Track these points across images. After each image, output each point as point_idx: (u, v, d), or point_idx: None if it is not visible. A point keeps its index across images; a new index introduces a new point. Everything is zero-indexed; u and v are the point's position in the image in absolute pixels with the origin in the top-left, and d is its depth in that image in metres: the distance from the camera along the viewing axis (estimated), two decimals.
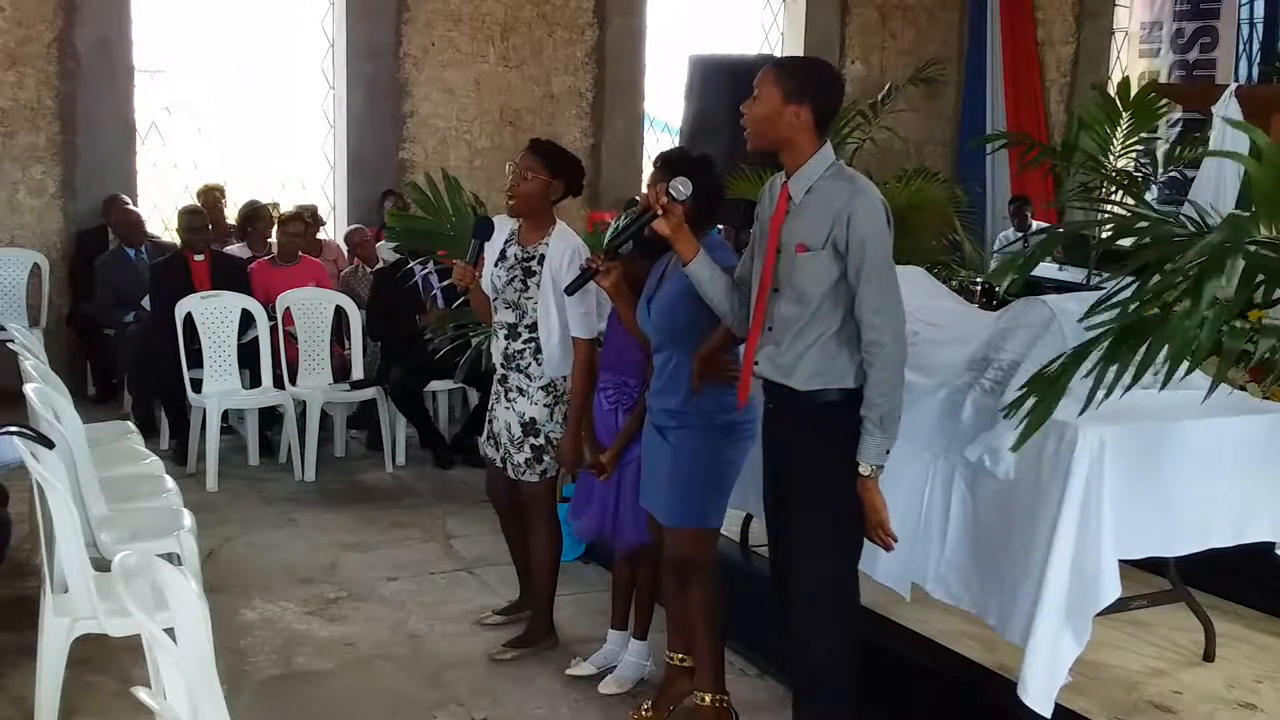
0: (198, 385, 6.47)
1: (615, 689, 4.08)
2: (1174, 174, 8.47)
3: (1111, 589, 3.18)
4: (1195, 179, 6.74)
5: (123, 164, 8.39)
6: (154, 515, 4.25)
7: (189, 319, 6.46)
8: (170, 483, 4.57)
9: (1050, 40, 12.00)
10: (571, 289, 3.76)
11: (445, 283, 6.29)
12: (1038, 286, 6.28)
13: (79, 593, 3.41)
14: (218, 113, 9.18)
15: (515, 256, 4.17)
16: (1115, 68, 12.43)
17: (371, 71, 9.06)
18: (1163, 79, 11.33)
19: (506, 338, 4.20)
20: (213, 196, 8.37)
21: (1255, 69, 11.89)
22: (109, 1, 8.18)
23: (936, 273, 6.16)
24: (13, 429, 3.55)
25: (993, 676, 3.60)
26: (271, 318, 6.69)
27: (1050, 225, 9.30)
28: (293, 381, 6.68)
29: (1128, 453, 3.23)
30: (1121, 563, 3.23)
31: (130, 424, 5.56)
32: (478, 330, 5.80)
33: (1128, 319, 2.84)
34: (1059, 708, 3.29)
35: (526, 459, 4.20)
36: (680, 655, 3.86)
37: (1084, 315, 3.01)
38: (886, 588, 3.70)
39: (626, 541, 4.05)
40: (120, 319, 7.42)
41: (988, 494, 3.39)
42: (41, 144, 8.15)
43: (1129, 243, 3.54)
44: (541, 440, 4.17)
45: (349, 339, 6.92)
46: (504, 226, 4.26)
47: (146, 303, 7.07)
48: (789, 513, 3.20)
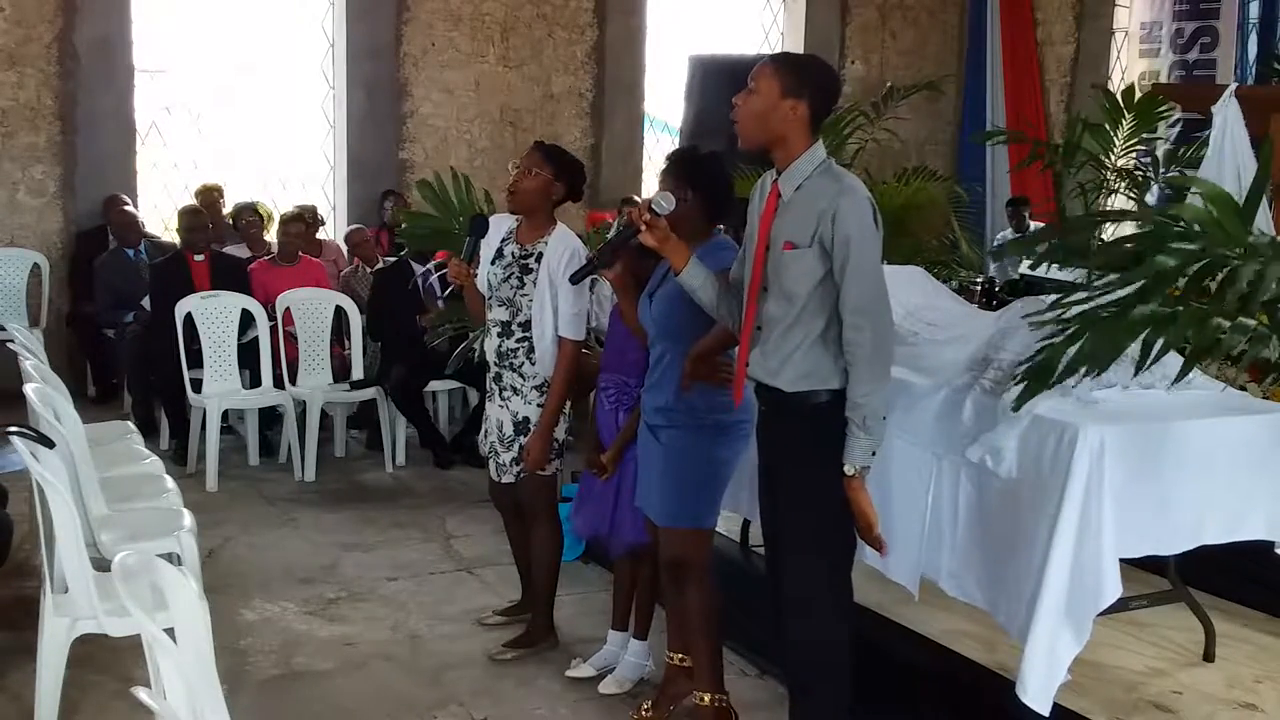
0: (198, 385, 6.47)
1: (615, 689, 4.08)
2: (1174, 174, 8.45)
3: (1113, 589, 3.18)
4: (1193, 173, 6.73)
5: (123, 164, 8.39)
6: (154, 515, 4.25)
7: (189, 319, 6.46)
8: (170, 483, 4.57)
9: (1050, 40, 12.00)
10: (576, 277, 3.76)
11: (449, 290, 6.30)
12: (1038, 286, 6.27)
13: (79, 593, 3.41)
14: (218, 113, 9.17)
15: (513, 255, 4.17)
16: (1115, 68, 12.42)
17: (371, 71, 9.06)
18: (1162, 79, 11.32)
19: (500, 336, 4.20)
20: (211, 197, 8.37)
21: (1255, 69, 11.88)
22: (109, 1, 8.18)
23: (936, 273, 6.16)
24: (13, 429, 3.56)
25: (993, 676, 3.59)
26: (271, 318, 6.69)
27: (1048, 225, 9.29)
28: (293, 381, 6.68)
29: (1128, 452, 3.23)
30: (1121, 563, 3.23)
31: (130, 424, 5.56)
32: (475, 326, 5.81)
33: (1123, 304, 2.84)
34: (1059, 708, 3.29)
35: (513, 458, 4.20)
36: (680, 655, 3.86)
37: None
38: (887, 588, 3.70)
39: (624, 541, 4.05)
40: (120, 319, 7.42)
41: (993, 492, 3.39)
42: (41, 144, 8.15)
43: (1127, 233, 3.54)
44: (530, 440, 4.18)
45: (349, 339, 6.92)
46: (502, 225, 4.26)
47: (146, 303, 7.07)
48: (781, 514, 3.20)
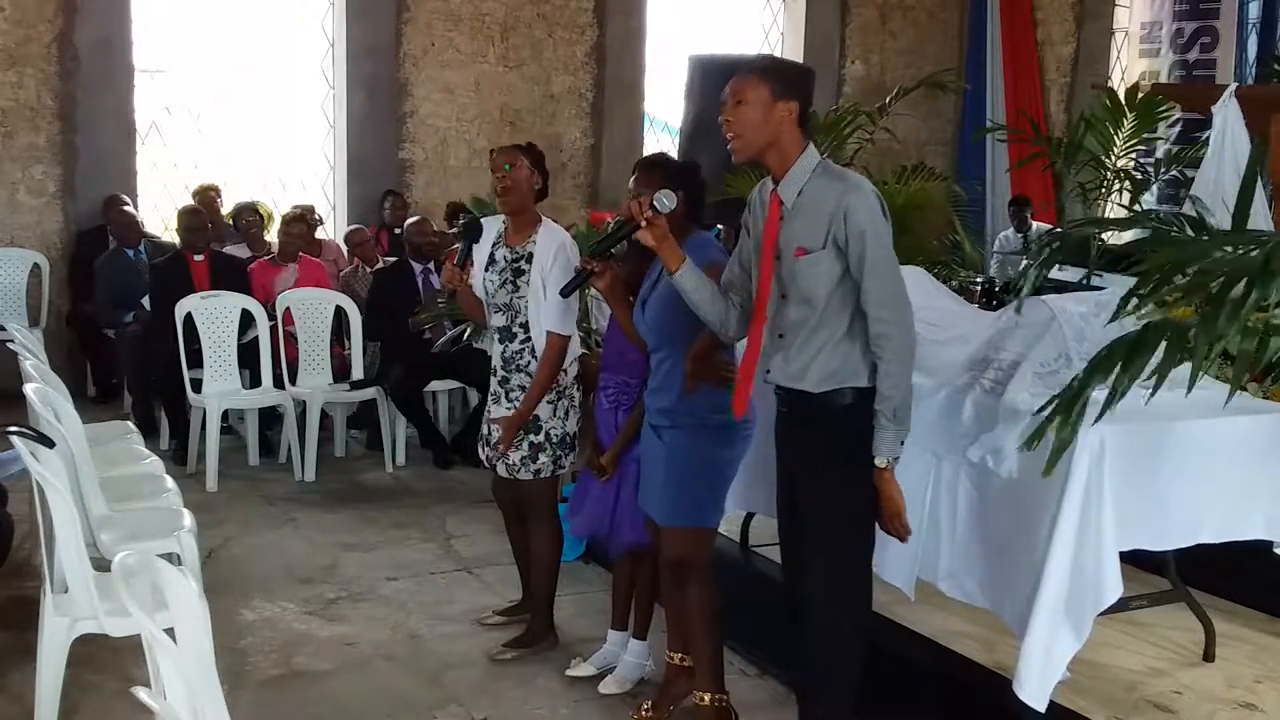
0: (198, 385, 6.47)
1: (615, 689, 4.08)
2: (1174, 174, 8.47)
3: (1113, 588, 3.18)
4: (1195, 179, 6.73)
5: (123, 164, 8.39)
6: (154, 515, 4.25)
7: (189, 319, 6.46)
8: (170, 483, 4.57)
9: (1050, 40, 12.00)
10: (566, 291, 3.76)
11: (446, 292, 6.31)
12: (1037, 286, 6.26)
13: (79, 593, 3.41)
14: (218, 113, 9.18)
15: (504, 259, 4.17)
16: (1115, 68, 12.42)
17: (371, 71, 9.06)
18: (1162, 79, 11.31)
19: (502, 341, 4.20)
20: (208, 196, 8.36)
21: (1255, 69, 11.88)
22: (109, 1, 8.18)
23: (936, 273, 6.16)
24: (13, 429, 3.56)
25: (993, 676, 3.59)
26: (271, 318, 6.69)
27: (1050, 226, 9.30)
28: (293, 381, 6.68)
29: (1128, 452, 3.23)
30: (1122, 563, 3.23)
31: (130, 424, 5.56)
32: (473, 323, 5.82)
33: (1143, 327, 2.83)
34: (1059, 707, 3.29)
35: (522, 456, 4.20)
36: (680, 655, 3.86)
37: (1112, 318, 3.00)
38: (888, 587, 3.70)
39: (624, 541, 4.05)
40: (120, 319, 7.42)
41: (994, 492, 3.39)
42: (41, 144, 8.15)
43: (1127, 239, 3.53)
44: (541, 438, 4.17)
45: (349, 339, 6.92)
46: (491, 229, 4.27)
47: (146, 302, 7.07)
48: (803, 513, 3.20)
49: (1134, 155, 8.10)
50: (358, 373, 6.87)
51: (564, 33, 9.70)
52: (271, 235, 8.04)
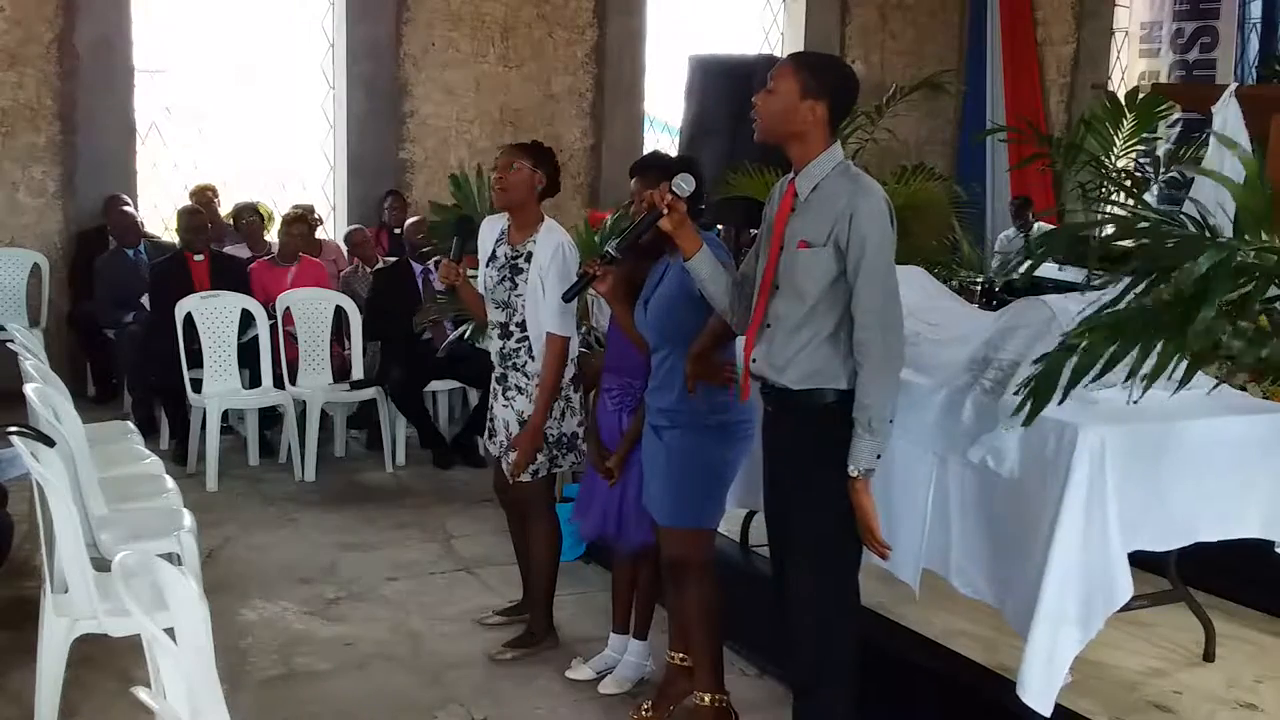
0: (198, 385, 6.47)
1: (615, 689, 4.08)
2: (1174, 174, 8.46)
3: (1125, 589, 3.18)
4: (1195, 179, 6.73)
5: (123, 164, 8.38)
6: (154, 515, 4.25)
7: (189, 319, 6.46)
8: (170, 483, 4.57)
9: (1050, 40, 12.00)
10: (569, 295, 3.76)
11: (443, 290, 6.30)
12: (1038, 286, 6.27)
13: (79, 593, 3.41)
14: (218, 113, 9.18)
15: (505, 256, 4.18)
16: (1115, 68, 12.43)
17: (371, 71, 9.06)
18: (1162, 79, 11.32)
19: (500, 337, 4.21)
20: (205, 196, 8.35)
21: (1255, 69, 11.88)
22: (109, 1, 8.17)
23: (936, 273, 6.15)
24: (13, 429, 3.56)
25: (993, 676, 3.59)
26: (271, 317, 6.69)
27: (1052, 226, 9.29)
28: (293, 381, 6.68)
29: (1128, 452, 3.23)
30: None
31: (130, 424, 5.56)
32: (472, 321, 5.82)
33: (1122, 315, 2.83)
34: (1060, 708, 3.29)
35: None
36: (680, 655, 3.86)
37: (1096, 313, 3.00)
38: (888, 588, 3.69)
39: (632, 542, 4.03)
40: (120, 319, 7.42)
41: (996, 491, 3.38)
42: (41, 144, 8.14)
43: (1129, 243, 3.53)
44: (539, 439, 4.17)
45: (349, 339, 6.92)
46: (495, 226, 4.27)
47: (145, 301, 7.07)
48: (788, 514, 3.20)
49: (1134, 155, 8.09)
50: (358, 373, 6.87)
51: (564, 33, 9.70)
52: (271, 235, 8.04)
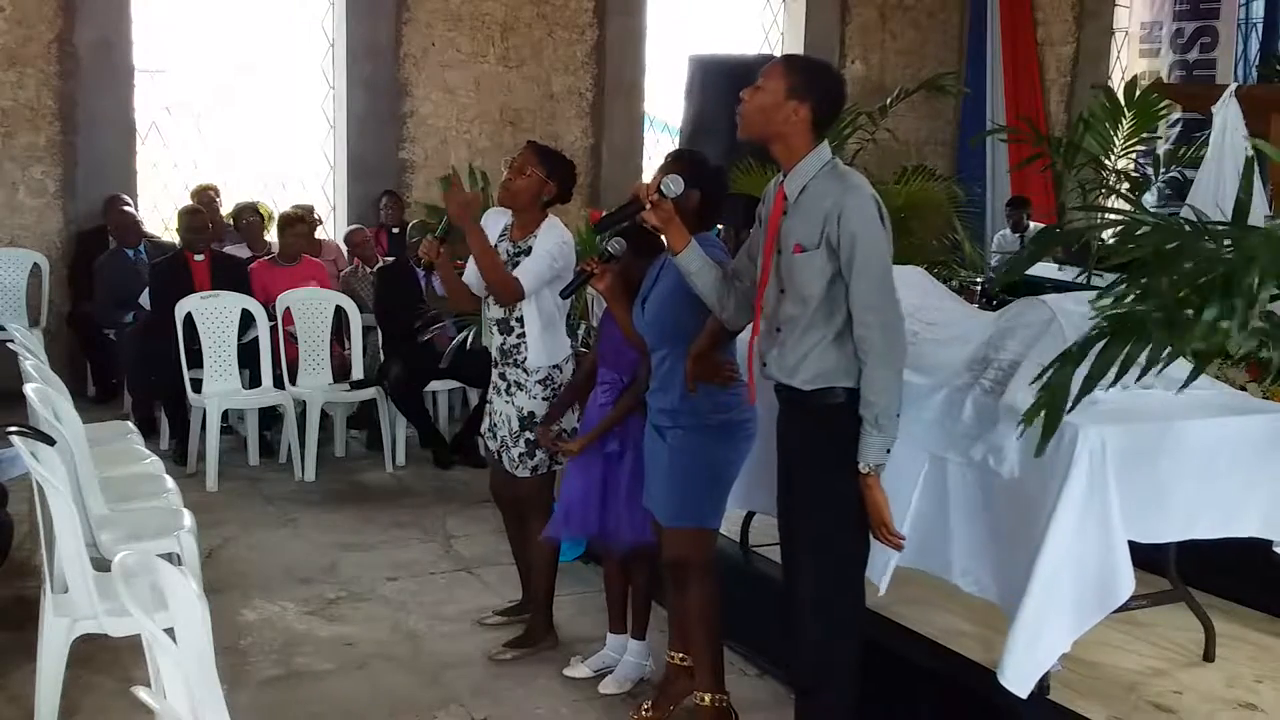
0: (198, 385, 6.47)
1: (615, 689, 4.08)
2: (1174, 174, 8.47)
3: (1126, 586, 3.18)
4: (1195, 179, 6.74)
5: (123, 164, 8.38)
6: (154, 515, 4.25)
7: (189, 319, 6.46)
8: (170, 483, 4.57)
9: (1050, 40, 12.00)
10: (567, 291, 3.80)
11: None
12: (1038, 286, 6.27)
13: (79, 593, 3.41)
14: (218, 113, 9.18)
15: (506, 252, 4.19)
16: (1115, 68, 12.42)
17: (371, 71, 9.06)
18: (1163, 79, 11.32)
19: (500, 333, 4.22)
20: (206, 196, 8.35)
21: (1255, 69, 11.88)
22: (109, 1, 8.18)
23: (936, 273, 6.16)
24: (13, 428, 3.56)
25: (993, 676, 3.58)
26: (271, 318, 6.69)
27: (1048, 226, 9.29)
28: (293, 381, 6.68)
29: (1128, 452, 3.23)
30: None
31: (130, 424, 5.57)
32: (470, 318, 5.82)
33: (1123, 317, 2.82)
34: (1060, 708, 3.29)
35: (521, 453, 4.21)
36: (680, 655, 3.86)
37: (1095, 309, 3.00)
38: (892, 587, 3.68)
39: (624, 543, 4.03)
40: (120, 319, 7.42)
41: (997, 490, 3.38)
42: (41, 144, 8.15)
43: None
44: (535, 435, 4.18)
45: (349, 339, 6.92)
46: (500, 220, 4.27)
47: (144, 300, 7.06)
48: (797, 513, 3.21)
49: (1134, 155, 8.10)
50: (358, 373, 6.87)
51: (564, 33, 9.70)
52: (271, 235, 8.04)
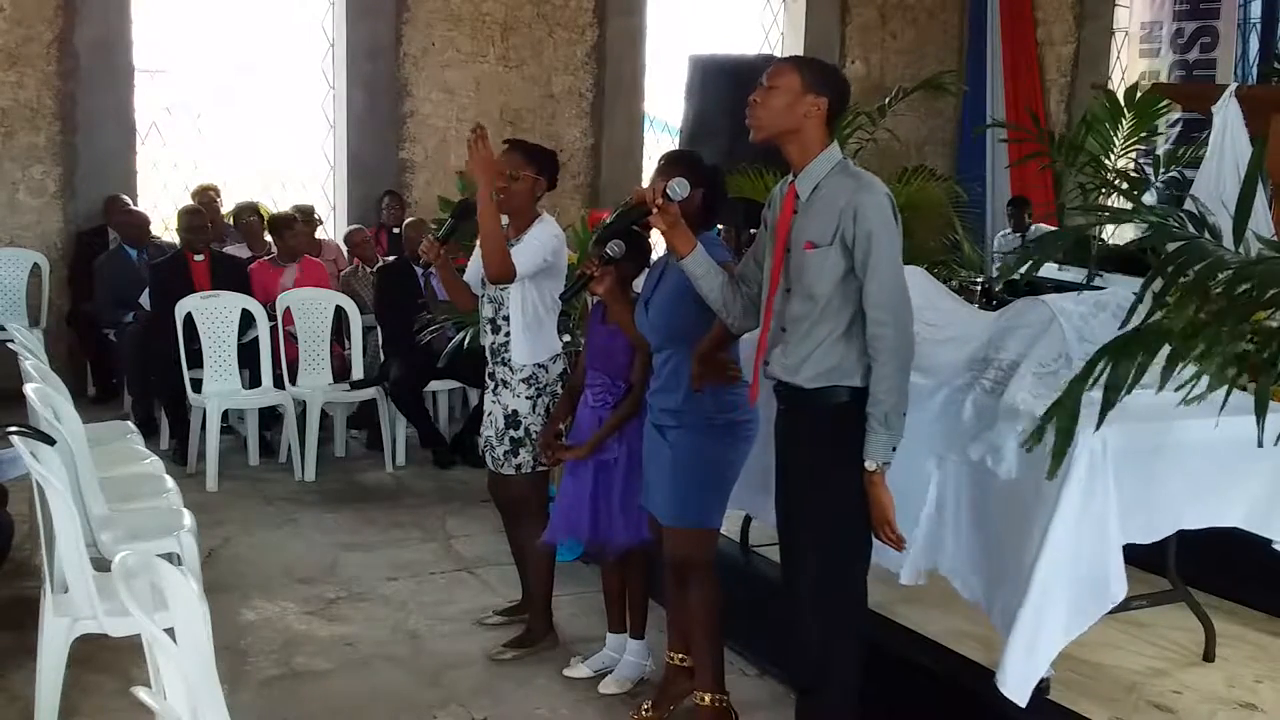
0: (198, 385, 6.47)
1: (615, 689, 4.08)
2: (1174, 174, 8.47)
3: (1118, 590, 3.18)
4: (1195, 179, 6.73)
5: (123, 164, 8.38)
6: (154, 515, 4.25)
7: (189, 319, 6.46)
8: (170, 483, 4.57)
9: (1050, 40, 11.99)
10: (566, 295, 3.83)
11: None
12: (1038, 286, 6.27)
13: (79, 593, 3.41)
14: (218, 113, 9.18)
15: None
16: (1115, 68, 12.42)
17: (371, 71, 9.06)
18: (1162, 79, 11.31)
19: (490, 332, 4.26)
20: (207, 196, 8.35)
21: (1255, 69, 11.87)
22: (109, 1, 8.17)
23: (936, 273, 6.16)
24: (13, 429, 3.56)
25: (993, 677, 3.58)
26: (271, 318, 6.69)
27: (1049, 227, 9.29)
28: (293, 381, 6.68)
29: (1129, 452, 3.23)
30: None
31: (130, 424, 5.57)
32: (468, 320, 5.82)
33: (1135, 333, 2.83)
34: (1060, 708, 3.29)
35: (505, 451, 4.23)
36: (680, 655, 3.86)
37: (1121, 324, 3.00)
38: (888, 588, 3.69)
39: (619, 544, 4.03)
40: (120, 319, 7.41)
41: (993, 491, 3.38)
42: (41, 144, 8.14)
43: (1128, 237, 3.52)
44: (521, 433, 4.20)
45: (349, 339, 6.92)
46: None
47: (144, 300, 7.06)
48: (800, 513, 3.20)
49: (1134, 155, 8.10)
50: (358, 373, 6.87)
51: (564, 33, 9.70)
52: (266, 235, 8.03)
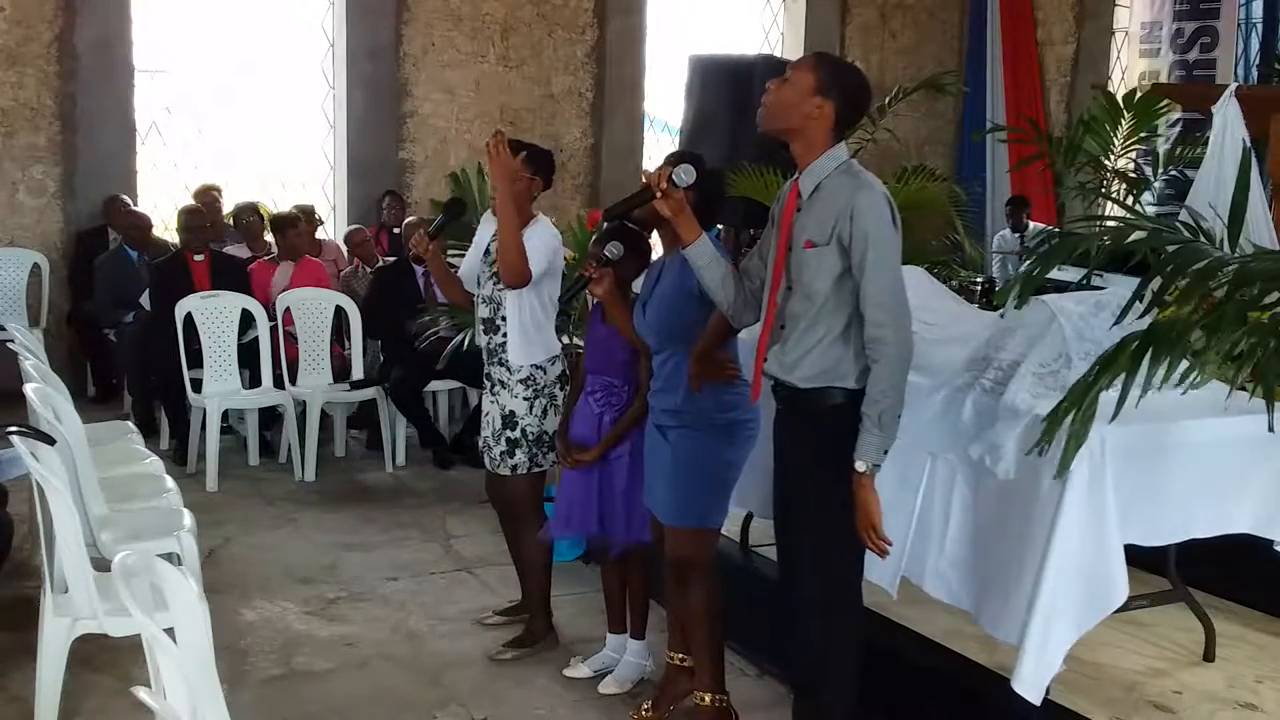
0: (198, 385, 6.47)
1: (615, 689, 4.08)
2: (1174, 174, 8.47)
3: (1121, 589, 3.18)
4: (1195, 180, 6.73)
5: (123, 164, 8.39)
6: (154, 515, 4.25)
7: (189, 319, 6.46)
8: (170, 483, 4.57)
9: (1050, 40, 12.00)
10: (564, 296, 3.85)
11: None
12: (1038, 287, 6.26)
13: (79, 593, 3.41)
14: (218, 113, 9.18)
15: (495, 252, 4.19)
16: (1115, 68, 12.42)
17: (371, 71, 9.06)
18: (1163, 79, 11.31)
19: (487, 333, 4.26)
20: (210, 196, 8.36)
21: (1255, 69, 11.88)
22: (109, 1, 8.18)
23: (936, 273, 6.15)
24: (13, 429, 3.56)
25: (993, 676, 3.59)
26: (271, 318, 6.69)
27: (1048, 227, 9.29)
28: (293, 381, 6.68)
29: (1129, 452, 3.23)
30: None
31: (130, 424, 5.57)
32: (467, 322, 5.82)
33: (1154, 328, 2.83)
34: (1060, 707, 3.29)
35: (501, 452, 4.23)
36: (680, 655, 3.86)
37: (1116, 320, 3.01)
38: (883, 587, 3.69)
39: (621, 542, 4.04)
40: (120, 319, 7.42)
41: (989, 492, 3.39)
42: (41, 144, 8.15)
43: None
44: (517, 434, 4.20)
45: (349, 339, 6.93)
46: (490, 223, 4.28)
47: (144, 300, 7.06)
48: (796, 514, 3.20)
49: (1133, 155, 8.10)
50: (358, 373, 6.87)
51: (564, 33, 9.70)
52: (266, 235, 8.03)
